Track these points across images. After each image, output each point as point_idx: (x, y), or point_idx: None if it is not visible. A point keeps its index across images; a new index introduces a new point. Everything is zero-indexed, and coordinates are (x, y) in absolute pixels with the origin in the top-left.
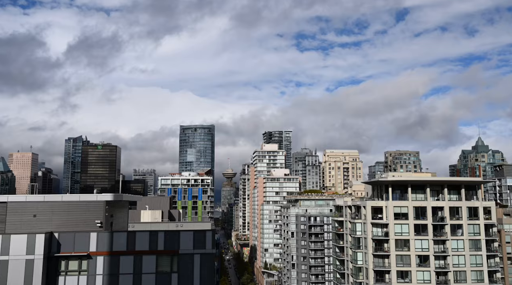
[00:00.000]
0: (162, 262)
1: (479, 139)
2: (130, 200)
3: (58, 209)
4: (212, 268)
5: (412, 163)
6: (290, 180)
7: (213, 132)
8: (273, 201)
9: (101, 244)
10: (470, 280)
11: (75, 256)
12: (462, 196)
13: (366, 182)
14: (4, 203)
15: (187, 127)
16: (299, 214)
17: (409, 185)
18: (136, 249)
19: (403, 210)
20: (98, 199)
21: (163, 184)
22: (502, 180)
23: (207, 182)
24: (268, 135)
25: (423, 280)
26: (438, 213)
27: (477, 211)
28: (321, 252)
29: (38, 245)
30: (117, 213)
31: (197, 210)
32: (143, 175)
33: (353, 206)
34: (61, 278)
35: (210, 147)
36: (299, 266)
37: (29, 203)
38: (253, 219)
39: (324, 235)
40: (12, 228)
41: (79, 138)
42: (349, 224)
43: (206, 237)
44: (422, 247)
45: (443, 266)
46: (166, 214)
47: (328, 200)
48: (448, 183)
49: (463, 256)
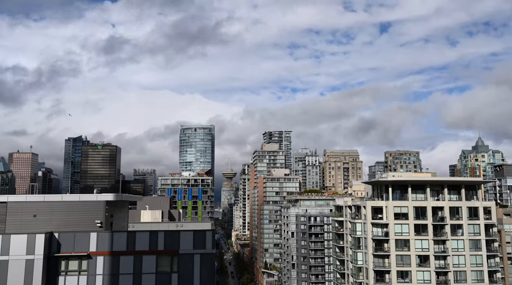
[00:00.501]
0: (162, 262)
1: (479, 139)
2: (130, 200)
3: (58, 209)
4: (212, 268)
5: (412, 163)
6: (290, 180)
7: (213, 132)
8: (273, 201)
9: (101, 244)
10: (470, 280)
11: (75, 256)
12: (462, 196)
13: (366, 182)
14: (4, 203)
15: (187, 127)
16: (299, 214)
17: (409, 185)
18: (136, 249)
19: (403, 210)
20: (98, 199)
21: (163, 184)
22: (502, 180)
23: (207, 182)
24: (268, 135)
25: (423, 280)
26: (438, 213)
27: (477, 211)
28: (321, 252)
29: (38, 245)
30: (117, 213)
31: (197, 210)
32: (143, 175)
33: (353, 206)
34: (61, 278)
35: (210, 147)
36: (299, 266)
37: (29, 203)
38: (253, 219)
39: (324, 235)
40: (12, 228)
41: (79, 138)
42: (349, 224)
43: (206, 237)
44: (422, 247)
45: (443, 266)
46: (166, 214)
47: (328, 200)
48: (448, 183)
49: (463, 256)
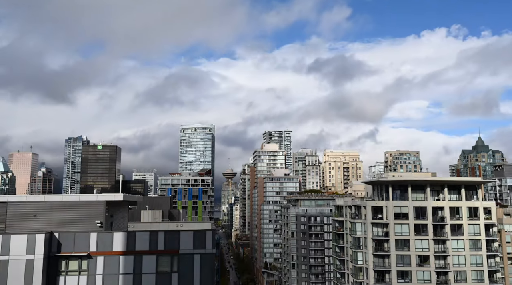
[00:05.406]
0: (162, 262)
1: (479, 139)
2: (130, 200)
3: (58, 209)
4: (212, 268)
5: (412, 163)
6: (290, 180)
7: (213, 132)
8: (273, 201)
9: (101, 244)
10: (470, 280)
11: (75, 256)
12: (462, 196)
13: (366, 182)
14: (4, 203)
15: (187, 127)
16: (299, 214)
17: (409, 185)
18: (136, 249)
19: (403, 210)
20: (98, 199)
21: (163, 184)
22: (502, 180)
23: (207, 182)
24: (268, 135)
25: (423, 280)
26: (438, 213)
27: (477, 211)
28: (321, 252)
29: (38, 245)
30: (117, 213)
31: (197, 210)
32: (143, 175)
33: (353, 206)
34: (61, 278)
35: (210, 147)
36: (299, 266)
37: (29, 203)
38: (253, 219)
39: (324, 235)
40: (12, 228)
41: (79, 138)
42: (349, 224)
43: (206, 237)
44: (422, 247)
45: (443, 266)
46: (166, 214)
47: (328, 200)
48: (448, 183)
49: (463, 256)
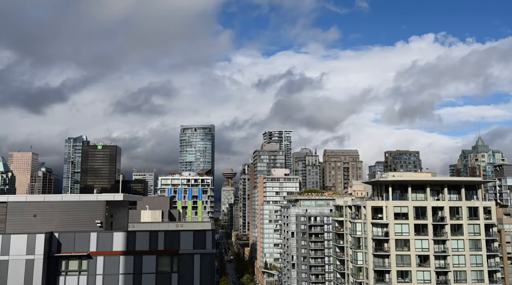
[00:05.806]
0: (162, 262)
1: (479, 139)
2: (130, 200)
3: (58, 209)
4: (212, 268)
5: (412, 163)
6: (290, 180)
7: (213, 132)
8: (273, 201)
9: (101, 244)
10: (470, 280)
11: (75, 256)
12: (462, 196)
13: (366, 182)
14: (4, 203)
15: (187, 127)
16: (299, 214)
17: (409, 185)
18: (136, 249)
19: (403, 210)
20: (98, 199)
21: (163, 184)
22: (502, 180)
23: (207, 182)
24: (268, 135)
25: (423, 280)
26: (438, 213)
27: (477, 211)
28: (321, 252)
29: (38, 245)
30: (117, 213)
31: (197, 210)
32: (143, 175)
33: (353, 206)
34: (61, 278)
35: (210, 147)
36: (299, 266)
37: (29, 203)
38: (253, 219)
39: (324, 235)
40: (12, 228)
41: (79, 138)
42: (349, 224)
43: (206, 237)
44: (422, 247)
45: (443, 266)
46: (166, 214)
47: (328, 200)
48: (448, 183)
49: (463, 256)
